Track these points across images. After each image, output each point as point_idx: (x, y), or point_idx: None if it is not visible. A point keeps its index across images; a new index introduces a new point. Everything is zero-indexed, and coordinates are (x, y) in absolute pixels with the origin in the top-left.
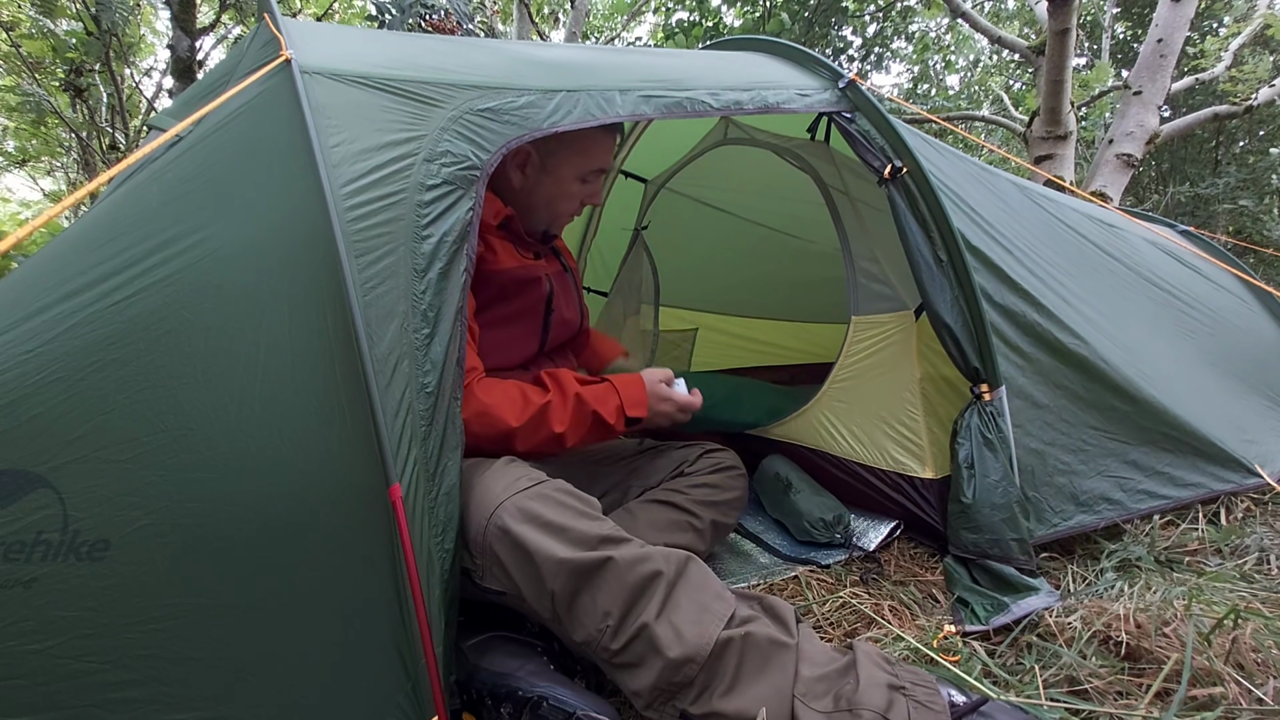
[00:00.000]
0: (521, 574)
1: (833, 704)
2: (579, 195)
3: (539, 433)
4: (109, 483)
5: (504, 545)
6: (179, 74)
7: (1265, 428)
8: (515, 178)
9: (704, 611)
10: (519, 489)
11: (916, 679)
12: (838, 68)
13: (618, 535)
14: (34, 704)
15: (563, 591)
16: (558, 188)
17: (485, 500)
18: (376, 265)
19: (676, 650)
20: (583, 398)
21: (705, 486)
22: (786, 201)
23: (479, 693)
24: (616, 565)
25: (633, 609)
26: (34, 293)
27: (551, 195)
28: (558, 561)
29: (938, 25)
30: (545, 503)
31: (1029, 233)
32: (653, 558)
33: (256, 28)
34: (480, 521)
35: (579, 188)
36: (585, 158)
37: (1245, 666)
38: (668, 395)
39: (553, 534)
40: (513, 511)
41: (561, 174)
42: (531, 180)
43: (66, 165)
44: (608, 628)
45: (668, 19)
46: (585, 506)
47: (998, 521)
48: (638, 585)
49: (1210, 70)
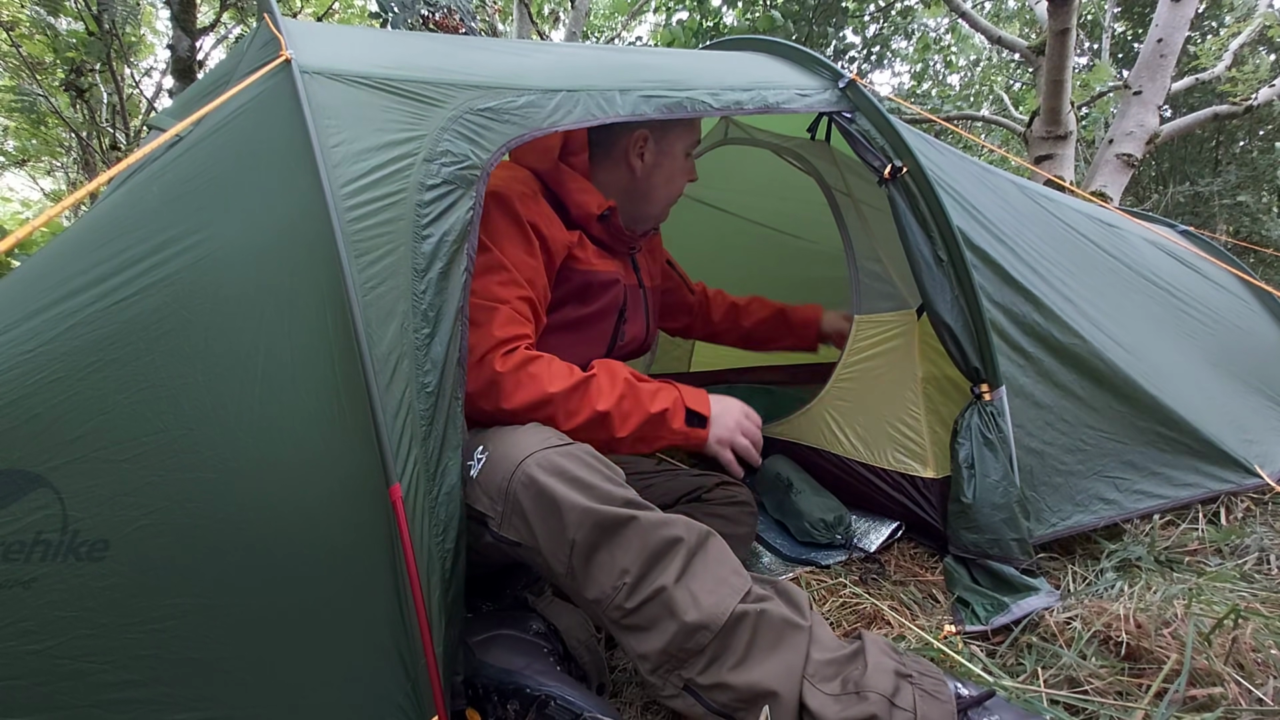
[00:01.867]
0: (542, 523)
1: (841, 687)
2: (688, 171)
3: (581, 409)
4: (109, 483)
5: (529, 494)
6: (179, 74)
7: (1265, 427)
8: (636, 165)
9: (722, 583)
10: (550, 445)
11: (924, 669)
12: (838, 68)
13: (641, 501)
14: (34, 704)
15: (583, 543)
16: (674, 164)
17: (515, 450)
18: (377, 265)
19: (693, 615)
20: (632, 382)
21: (719, 519)
22: (787, 201)
23: (484, 689)
24: (640, 524)
25: (652, 570)
26: (34, 293)
27: (670, 174)
28: (583, 510)
29: (937, 25)
30: (574, 461)
31: (1030, 232)
32: (675, 524)
33: (256, 28)
34: (507, 469)
35: (686, 163)
36: (691, 130)
37: (1245, 666)
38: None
39: (579, 489)
40: (543, 463)
41: (675, 150)
42: (650, 163)
43: (66, 165)
44: (624, 585)
45: (669, 19)
46: (611, 472)
47: (998, 521)
48: (659, 547)
49: (1210, 70)
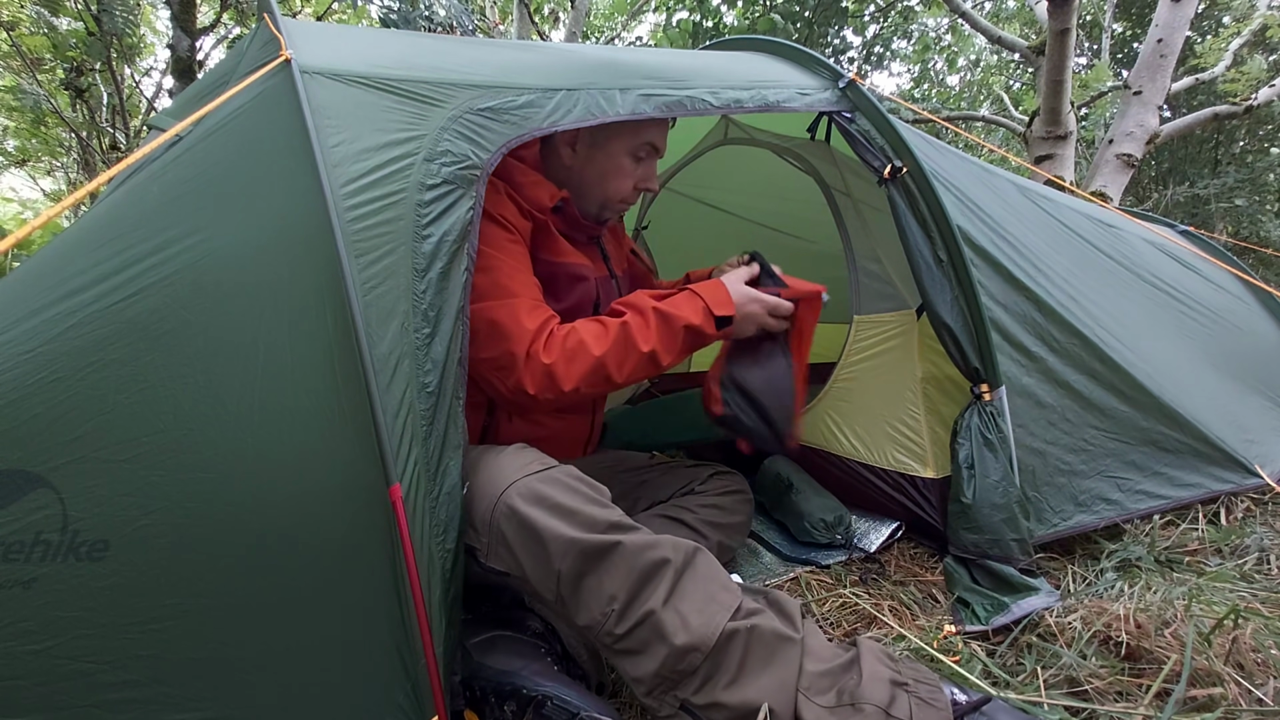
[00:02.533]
0: (527, 554)
1: (836, 699)
2: (632, 175)
3: (629, 357)
4: (109, 483)
5: (511, 525)
6: (179, 74)
7: (1265, 427)
8: (565, 154)
9: (710, 601)
10: (530, 472)
11: (919, 676)
12: (838, 67)
13: (626, 523)
14: (34, 704)
15: (569, 572)
16: (609, 163)
17: (495, 480)
18: (377, 265)
19: (682, 638)
20: (662, 311)
21: (714, 508)
22: (786, 201)
23: (482, 690)
24: (625, 549)
25: (639, 594)
26: (34, 293)
27: (604, 172)
28: (567, 541)
29: (937, 25)
30: (555, 486)
31: (1031, 232)
32: (661, 545)
33: (256, 28)
34: (489, 500)
35: (631, 165)
36: (635, 131)
37: (1245, 666)
38: (755, 296)
39: (562, 516)
40: (523, 492)
41: (612, 148)
42: (582, 156)
43: (66, 165)
44: (613, 612)
45: (669, 19)
46: (595, 493)
47: (998, 521)
48: (645, 571)
49: (1210, 70)
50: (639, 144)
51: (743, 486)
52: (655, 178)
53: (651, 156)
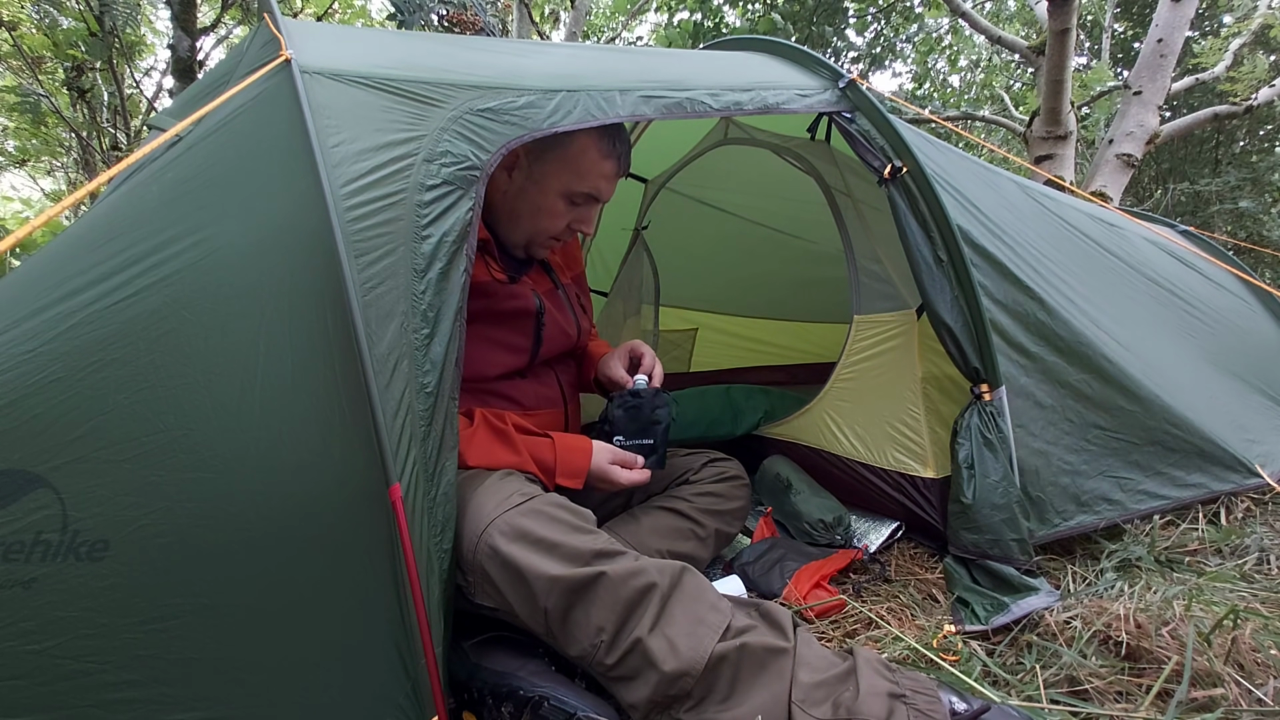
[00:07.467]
0: (513, 593)
1: (831, 711)
2: (565, 216)
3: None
4: (108, 483)
5: (495, 565)
6: (179, 74)
7: (1266, 427)
8: (501, 179)
9: (699, 624)
10: (510, 506)
11: (917, 686)
12: (838, 68)
13: (611, 549)
14: (34, 704)
15: (555, 608)
16: (542, 200)
17: (476, 519)
18: (376, 265)
19: (671, 664)
20: (516, 446)
21: (710, 495)
22: (787, 201)
23: (480, 691)
24: (609, 580)
25: (626, 623)
26: (34, 292)
27: (535, 207)
28: (550, 579)
29: (937, 25)
30: (537, 519)
31: (1032, 231)
32: (646, 570)
33: (257, 28)
34: (471, 540)
35: (564, 208)
36: (576, 176)
37: (1245, 667)
38: (611, 479)
39: (544, 551)
40: (504, 529)
41: (548, 185)
42: (517, 185)
43: (66, 165)
44: (602, 643)
45: (670, 19)
46: (578, 520)
47: (998, 522)
48: (631, 599)
49: (1210, 70)
50: (578, 191)
51: (739, 472)
52: (592, 221)
53: (589, 204)
